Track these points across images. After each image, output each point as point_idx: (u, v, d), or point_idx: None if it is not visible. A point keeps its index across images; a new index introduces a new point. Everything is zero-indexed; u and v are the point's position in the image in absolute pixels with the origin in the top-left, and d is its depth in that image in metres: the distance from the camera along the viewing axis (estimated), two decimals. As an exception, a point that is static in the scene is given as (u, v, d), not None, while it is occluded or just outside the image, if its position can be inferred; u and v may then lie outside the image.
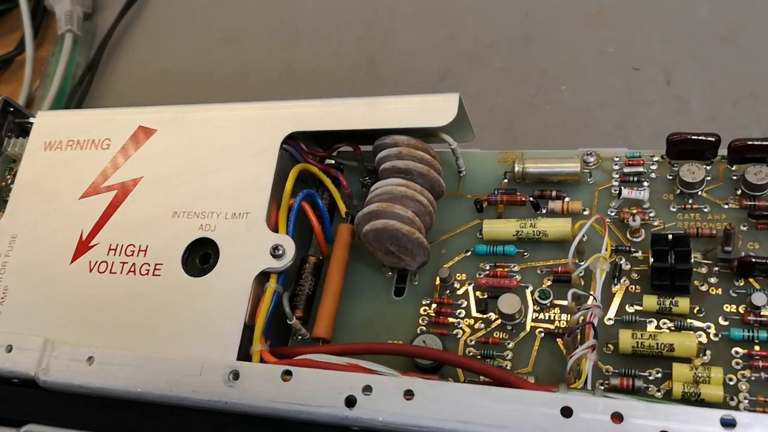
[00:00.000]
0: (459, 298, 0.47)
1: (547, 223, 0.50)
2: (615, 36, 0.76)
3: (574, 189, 0.49)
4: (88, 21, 1.07)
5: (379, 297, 0.48)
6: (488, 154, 0.56)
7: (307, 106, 0.54)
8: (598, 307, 0.45)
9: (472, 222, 0.50)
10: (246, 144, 0.53)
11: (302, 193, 0.52)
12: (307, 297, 0.52)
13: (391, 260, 0.51)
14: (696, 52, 0.72)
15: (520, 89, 0.76)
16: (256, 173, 0.52)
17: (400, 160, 0.50)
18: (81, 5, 1.05)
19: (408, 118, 0.51)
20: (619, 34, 0.76)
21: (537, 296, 0.49)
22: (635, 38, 0.75)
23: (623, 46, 0.75)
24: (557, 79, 0.75)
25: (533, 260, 0.48)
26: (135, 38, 1.05)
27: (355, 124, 0.52)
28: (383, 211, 0.49)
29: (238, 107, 0.55)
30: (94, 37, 1.06)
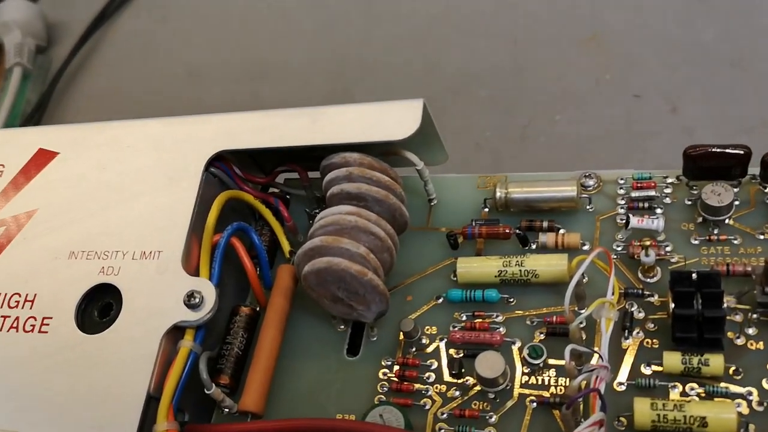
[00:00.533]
0: (428, 358, 0.39)
1: (537, 260, 0.40)
2: (612, 62, 0.72)
3: (571, 219, 0.41)
4: (41, 55, 0.98)
5: (327, 357, 0.39)
6: (464, 179, 0.46)
7: (237, 120, 0.43)
8: (605, 368, 0.35)
9: (445, 261, 0.40)
10: (162, 167, 0.43)
11: (231, 227, 0.42)
12: (237, 358, 0.41)
13: (341, 310, 0.40)
14: (702, 79, 0.68)
15: (510, 120, 0.71)
16: (172, 203, 0.42)
17: (351, 183, 0.40)
18: (33, 37, 0.96)
19: (359, 131, 0.41)
20: (616, 60, 0.72)
21: (526, 354, 0.38)
22: (634, 64, 0.71)
23: (622, 73, 0.71)
24: (550, 108, 0.71)
25: (521, 308, 0.40)
26: (91, 73, 0.96)
27: (295, 139, 0.42)
28: (327, 246, 0.38)
29: (152, 123, 0.45)
30: (48, 72, 0.97)
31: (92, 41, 0.96)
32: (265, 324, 0.41)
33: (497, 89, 0.74)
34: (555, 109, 0.71)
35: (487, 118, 0.74)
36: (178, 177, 0.43)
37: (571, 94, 0.71)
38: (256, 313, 0.43)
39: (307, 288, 0.40)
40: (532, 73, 0.74)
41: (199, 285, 0.39)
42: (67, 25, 1.00)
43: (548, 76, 0.73)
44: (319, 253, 0.39)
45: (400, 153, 0.43)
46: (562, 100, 0.71)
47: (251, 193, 0.45)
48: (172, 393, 0.38)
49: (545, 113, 0.72)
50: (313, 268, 0.39)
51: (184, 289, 0.39)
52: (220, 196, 0.42)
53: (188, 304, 0.39)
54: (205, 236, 0.41)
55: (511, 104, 0.73)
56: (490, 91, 0.74)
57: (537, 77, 0.74)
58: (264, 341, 0.41)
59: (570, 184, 0.42)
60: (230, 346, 0.41)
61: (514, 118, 0.72)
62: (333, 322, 0.42)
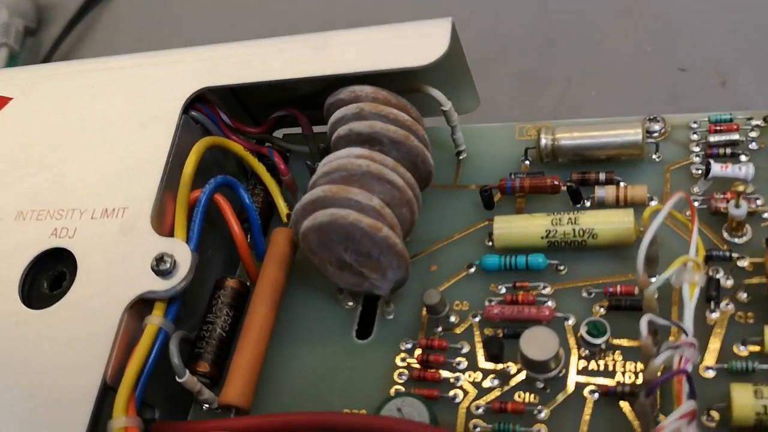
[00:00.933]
0: (458, 339, 0.32)
1: (595, 217, 0.32)
2: (653, 33, 0.66)
3: (633, 170, 0.35)
4: (32, 37, 0.93)
5: (332, 340, 0.34)
6: (500, 129, 0.39)
7: (222, 51, 0.36)
8: (691, 346, 0.26)
9: (477, 223, 0.32)
10: (132, 110, 0.36)
11: (214, 180, 0.34)
12: (220, 341, 0.33)
13: (349, 280, 0.32)
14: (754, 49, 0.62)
15: (540, 99, 0.66)
16: (142, 152, 0.34)
17: (362, 122, 0.32)
18: (22, 18, 0.90)
19: (372, 58, 0.33)
20: (658, 31, 0.66)
21: (584, 333, 0.30)
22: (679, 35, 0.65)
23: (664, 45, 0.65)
24: (585, 84, 0.65)
25: (575, 276, 0.33)
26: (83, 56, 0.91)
27: (294, 71, 0.34)
28: (332, 197, 0.30)
29: (122, 60, 0.37)
30: (37, 55, 0.91)
31: (84, 23, 0.90)
32: (255, 300, 0.33)
33: (525, 64, 0.68)
34: (590, 86, 0.65)
35: (514, 95, 0.67)
36: (150, 121, 0.35)
37: (608, 69, 0.65)
38: (245, 288, 0.35)
39: (306, 251, 0.32)
40: (565, 46, 0.68)
41: (171, 247, 0.31)
42: (58, 7, 0.95)
43: (582, 49, 0.67)
44: (321, 206, 0.31)
45: (422, 89, 0.35)
46: (597, 76, 0.65)
47: (241, 143, 0.37)
48: (133, 381, 0.30)
49: (579, 90, 0.65)
50: (315, 223, 0.31)
51: (153, 252, 0.31)
52: (200, 141, 0.34)
53: (157, 270, 0.31)
54: (180, 190, 0.33)
55: (541, 81, 0.67)
56: (518, 67, 0.68)
57: (570, 50, 0.67)
58: (253, 321, 0.33)
59: (634, 127, 0.34)
60: (212, 327, 0.33)
61: (545, 95, 0.66)
62: (339, 297, 0.34)
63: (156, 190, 0.33)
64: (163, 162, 0.34)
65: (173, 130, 0.35)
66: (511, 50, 0.69)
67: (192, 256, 0.31)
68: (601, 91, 0.65)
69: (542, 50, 0.68)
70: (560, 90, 0.66)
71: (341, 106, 0.34)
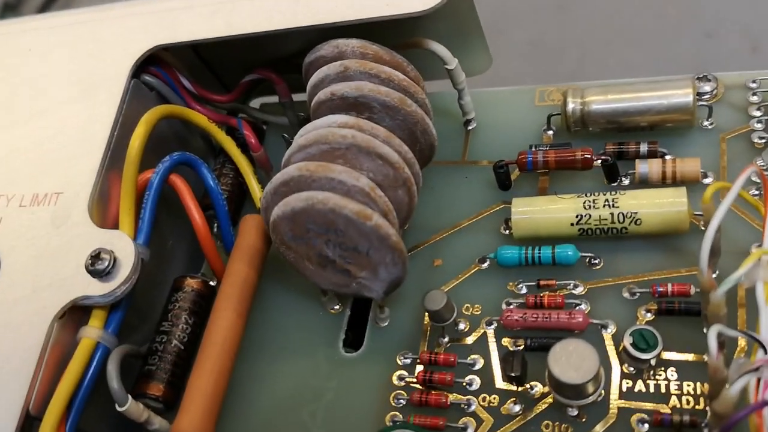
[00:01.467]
0: (469, 352, 0.26)
1: (639, 198, 0.26)
2: None
3: (680, 140, 0.30)
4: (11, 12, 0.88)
5: (313, 353, 0.28)
6: (516, 93, 0.33)
7: (181, 1, 0.29)
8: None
9: (491, 206, 0.26)
10: (70, 75, 0.29)
11: (170, 158, 0.28)
12: (176, 356, 0.27)
13: (332, 279, 0.26)
14: None
15: (553, 67, 0.63)
16: (81, 124, 0.28)
17: (347, 82, 0.25)
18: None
19: (359, 5, 0.26)
20: None
21: (629, 345, 0.23)
22: None
23: (690, 7, 0.62)
24: (602, 52, 0.62)
25: (613, 273, 0.27)
26: None
27: (267, 24, 0.28)
28: (309, 176, 0.24)
29: (63, 16, 0.31)
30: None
31: None
32: (219, 304, 0.27)
33: (537, 31, 0.65)
34: (608, 53, 0.62)
35: (526, 64, 0.64)
36: (93, 88, 0.29)
37: (627, 34, 0.62)
38: (210, 289, 0.29)
39: (279, 244, 0.26)
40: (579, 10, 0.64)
41: (111, 241, 0.25)
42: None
43: (598, 12, 0.63)
44: (296, 188, 0.25)
45: (422, 44, 0.28)
46: (616, 42, 0.62)
47: (205, 113, 0.30)
48: (62, 409, 0.24)
49: (596, 57, 0.62)
50: (287, 210, 0.24)
51: (90, 248, 0.25)
52: (150, 111, 0.28)
53: (93, 270, 0.25)
54: (126, 170, 0.27)
55: (555, 48, 0.64)
56: (530, 34, 0.65)
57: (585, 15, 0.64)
58: (217, 330, 0.27)
59: (683, 87, 0.28)
60: (167, 337, 0.27)
61: (559, 63, 0.63)
62: (323, 299, 0.28)
63: (96, 172, 0.27)
64: (106, 136, 0.28)
65: (119, 98, 0.29)
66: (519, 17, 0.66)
67: (135, 252, 0.25)
68: (618, 60, 0.62)
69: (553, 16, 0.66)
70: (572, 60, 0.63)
71: (322, 65, 0.27)
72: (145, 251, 0.27)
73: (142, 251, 0.26)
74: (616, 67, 0.62)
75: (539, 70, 0.64)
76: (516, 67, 0.64)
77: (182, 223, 0.30)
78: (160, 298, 0.30)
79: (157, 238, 0.29)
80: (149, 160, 0.28)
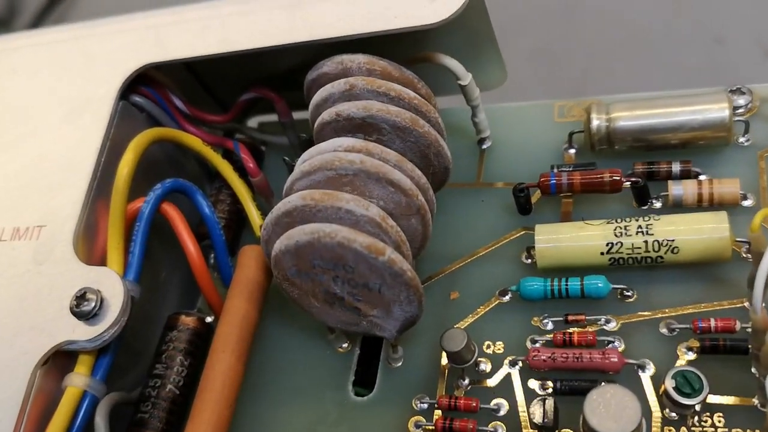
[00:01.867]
0: (492, 396, 0.24)
1: (676, 223, 0.24)
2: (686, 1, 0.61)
3: (714, 159, 0.27)
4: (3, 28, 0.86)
5: (320, 396, 0.26)
6: (534, 108, 0.30)
7: (172, 17, 0.27)
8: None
9: (512, 233, 0.24)
10: (55, 97, 0.27)
11: (161, 185, 0.25)
12: (171, 403, 0.25)
13: (341, 318, 0.24)
14: None
15: (559, 74, 0.61)
16: (66, 150, 0.26)
17: (353, 102, 0.23)
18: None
19: (365, 18, 0.24)
20: None
21: (671, 388, 0.21)
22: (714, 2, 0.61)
23: (698, 14, 0.61)
24: (610, 57, 0.60)
25: (648, 306, 0.25)
26: None
27: (263, 39, 0.25)
28: (314, 206, 0.22)
29: (49, 34, 0.29)
30: (9, 46, 0.84)
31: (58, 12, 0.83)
32: (217, 345, 0.25)
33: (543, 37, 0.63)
34: (614, 59, 0.60)
35: (530, 71, 0.62)
36: (79, 110, 0.27)
37: (635, 41, 0.60)
38: (207, 327, 0.26)
39: (281, 280, 0.24)
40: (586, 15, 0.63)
41: (97, 279, 0.23)
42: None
43: (605, 18, 0.62)
44: (300, 218, 0.22)
45: (433, 58, 0.26)
46: (623, 49, 0.60)
47: (199, 135, 0.28)
48: None
49: (602, 64, 0.61)
50: (290, 244, 0.22)
51: (77, 286, 0.23)
52: (140, 135, 0.26)
53: (77, 312, 0.23)
54: (113, 200, 0.25)
55: (560, 54, 0.62)
56: (535, 40, 0.63)
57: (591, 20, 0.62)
58: (215, 374, 0.24)
59: (717, 101, 0.26)
60: (161, 382, 0.25)
61: (564, 70, 0.61)
62: (330, 337, 0.25)
63: (81, 202, 0.25)
64: (92, 163, 0.26)
65: (107, 121, 0.27)
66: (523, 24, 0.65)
67: (125, 290, 0.23)
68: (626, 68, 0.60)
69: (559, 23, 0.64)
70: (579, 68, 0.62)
71: (325, 83, 0.25)
72: (135, 288, 0.24)
73: (133, 288, 0.24)
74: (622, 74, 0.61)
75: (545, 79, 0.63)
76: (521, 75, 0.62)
77: (176, 252, 0.27)
78: (153, 336, 0.27)
79: (150, 271, 0.27)
80: (140, 187, 0.26)
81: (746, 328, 0.22)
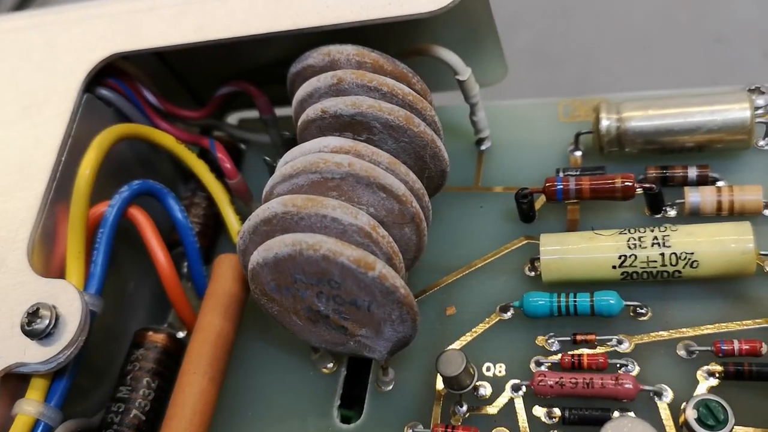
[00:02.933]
0: (492, 425, 0.22)
1: (694, 235, 0.21)
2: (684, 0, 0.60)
3: (732, 163, 0.25)
4: None
5: (302, 422, 0.22)
6: (537, 106, 0.28)
7: (144, 2, 0.24)
8: None
9: (513, 242, 0.21)
10: (12, 91, 0.25)
11: (128, 187, 0.23)
12: (137, 430, 0.22)
13: (325, 337, 0.21)
14: None
15: (556, 75, 0.60)
16: (23, 149, 0.23)
17: (341, 98, 0.21)
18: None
19: (355, 5, 0.22)
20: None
21: (694, 420, 0.19)
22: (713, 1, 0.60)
23: (698, 13, 0.60)
24: (608, 59, 0.59)
25: (664, 325, 0.23)
26: None
27: (244, 28, 0.23)
28: (296, 213, 0.19)
29: (9, 20, 0.27)
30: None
31: None
32: (188, 366, 0.22)
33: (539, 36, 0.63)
34: (613, 59, 0.59)
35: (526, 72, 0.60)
36: (38, 105, 0.25)
37: (634, 40, 0.59)
38: (177, 343, 0.24)
39: (260, 296, 0.21)
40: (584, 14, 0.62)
41: (52, 293, 0.21)
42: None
43: (604, 17, 0.61)
44: (280, 227, 0.20)
45: (430, 51, 0.24)
46: (622, 48, 0.59)
47: (172, 132, 0.26)
48: None
49: (601, 65, 0.59)
50: (268, 257, 0.20)
51: (29, 301, 0.20)
52: (104, 132, 0.23)
53: (29, 330, 0.20)
54: (73, 203, 0.22)
55: (557, 54, 0.61)
56: (531, 39, 0.63)
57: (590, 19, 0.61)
58: (185, 399, 0.22)
59: (738, 101, 0.24)
60: (125, 407, 0.23)
61: (562, 71, 0.60)
62: (314, 357, 0.23)
63: (38, 206, 0.22)
64: (51, 162, 0.24)
65: (68, 116, 0.24)
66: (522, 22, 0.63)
67: (83, 306, 0.21)
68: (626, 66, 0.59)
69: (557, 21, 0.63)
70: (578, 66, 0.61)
71: (311, 76, 0.23)
72: (97, 302, 0.22)
73: (93, 303, 0.22)
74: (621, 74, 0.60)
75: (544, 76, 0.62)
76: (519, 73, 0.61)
77: (146, 261, 0.25)
78: (118, 353, 0.25)
79: (115, 282, 0.25)
80: (105, 189, 0.24)
81: (775, 353, 0.20)
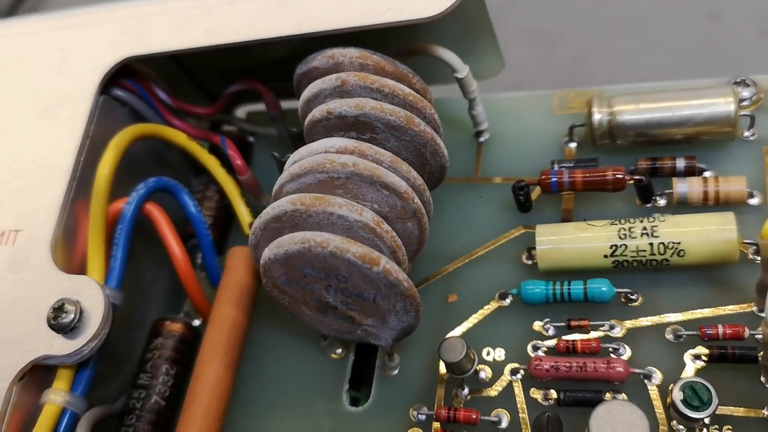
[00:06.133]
0: (493, 406, 0.23)
1: (683, 224, 0.22)
2: None
3: (718, 154, 0.26)
4: None
5: (312, 406, 0.25)
6: (533, 99, 0.29)
7: (155, 7, 0.26)
8: None
9: (511, 232, 0.23)
10: (31, 93, 0.26)
11: (145, 184, 0.24)
12: (157, 415, 0.24)
13: (334, 326, 0.23)
14: None
15: (554, 53, 0.60)
16: (43, 149, 0.25)
17: (345, 99, 0.22)
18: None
19: (357, 10, 0.23)
20: None
21: (679, 401, 0.20)
22: None
23: None
24: (605, 37, 0.60)
25: (654, 311, 0.24)
26: None
27: (250, 32, 0.24)
28: (304, 211, 0.20)
29: (24, 24, 0.28)
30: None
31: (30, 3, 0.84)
32: (205, 354, 0.24)
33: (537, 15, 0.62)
34: (611, 37, 0.59)
35: (525, 50, 0.61)
36: (56, 106, 0.26)
37: (630, 18, 0.59)
38: (194, 332, 0.25)
39: (271, 288, 0.22)
40: None
41: (76, 288, 0.22)
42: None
43: None
44: (290, 224, 0.21)
45: (429, 50, 0.25)
46: (619, 26, 0.59)
47: (184, 129, 0.27)
48: None
49: (599, 43, 0.60)
50: (279, 253, 0.21)
51: (53, 298, 0.22)
52: (121, 133, 0.25)
53: (55, 324, 0.21)
54: (93, 201, 0.24)
55: (556, 33, 0.61)
56: (529, 18, 0.62)
57: None
58: (202, 383, 0.23)
59: (723, 94, 0.25)
60: (146, 392, 0.24)
61: (560, 49, 0.60)
62: (323, 344, 0.24)
63: (59, 205, 0.24)
64: (71, 162, 0.25)
65: (86, 117, 0.25)
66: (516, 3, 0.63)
67: (105, 301, 0.22)
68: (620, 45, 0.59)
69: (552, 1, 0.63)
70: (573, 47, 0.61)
71: (316, 77, 0.24)
72: (117, 296, 0.23)
73: (114, 296, 0.23)
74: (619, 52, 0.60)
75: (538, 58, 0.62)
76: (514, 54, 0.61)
77: (162, 254, 0.26)
78: (137, 341, 0.26)
79: (133, 274, 0.26)
80: (122, 186, 0.25)
81: (755, 335, 0.21)
